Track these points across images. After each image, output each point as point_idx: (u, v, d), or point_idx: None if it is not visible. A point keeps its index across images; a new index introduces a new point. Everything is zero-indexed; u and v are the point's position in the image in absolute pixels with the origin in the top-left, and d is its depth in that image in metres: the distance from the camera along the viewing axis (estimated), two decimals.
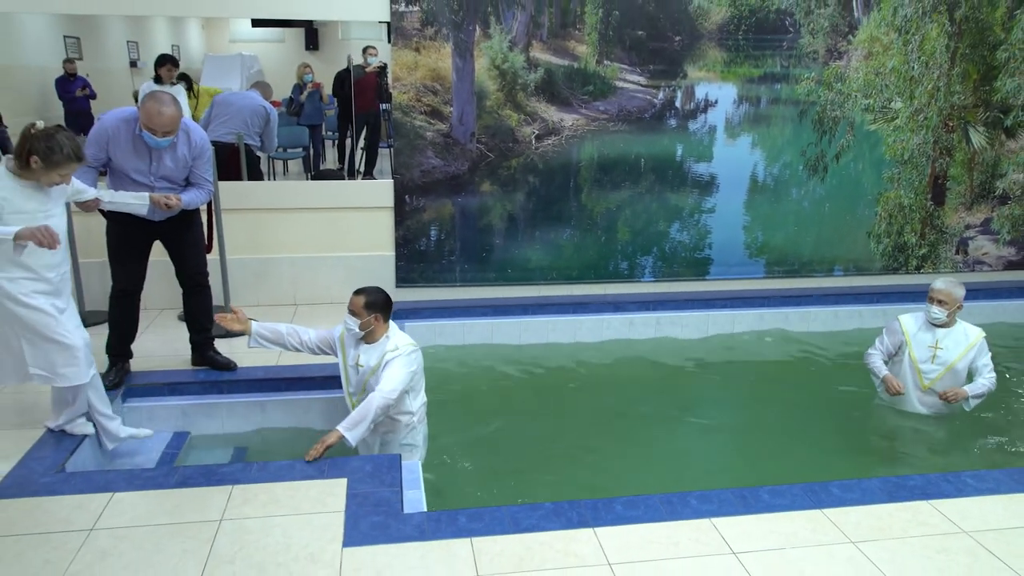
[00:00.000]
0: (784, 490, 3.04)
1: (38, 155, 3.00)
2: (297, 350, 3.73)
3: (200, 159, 3.87)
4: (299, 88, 7.38)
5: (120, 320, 3.96)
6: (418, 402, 3.63)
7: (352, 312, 3.50)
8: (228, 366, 4.17)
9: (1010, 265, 6.25)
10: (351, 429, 3.25)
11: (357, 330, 3.50)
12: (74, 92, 6.11)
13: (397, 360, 3.44)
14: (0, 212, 3.01)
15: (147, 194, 3.67)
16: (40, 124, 3.06)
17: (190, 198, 3.84)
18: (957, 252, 6.14)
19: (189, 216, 3.98)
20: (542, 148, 5.48)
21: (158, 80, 5.80)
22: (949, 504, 2.99)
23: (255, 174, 5.83)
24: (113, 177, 3.77)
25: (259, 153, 6.03)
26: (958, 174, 5.96)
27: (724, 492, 3.01)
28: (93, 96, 6.29)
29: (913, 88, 5.70)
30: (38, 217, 3.08)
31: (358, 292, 3.52)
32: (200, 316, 4.11)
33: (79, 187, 3.41)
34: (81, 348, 3.26)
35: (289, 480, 3.06)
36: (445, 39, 5.16)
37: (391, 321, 3.64)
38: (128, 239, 3.86)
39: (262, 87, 6.08)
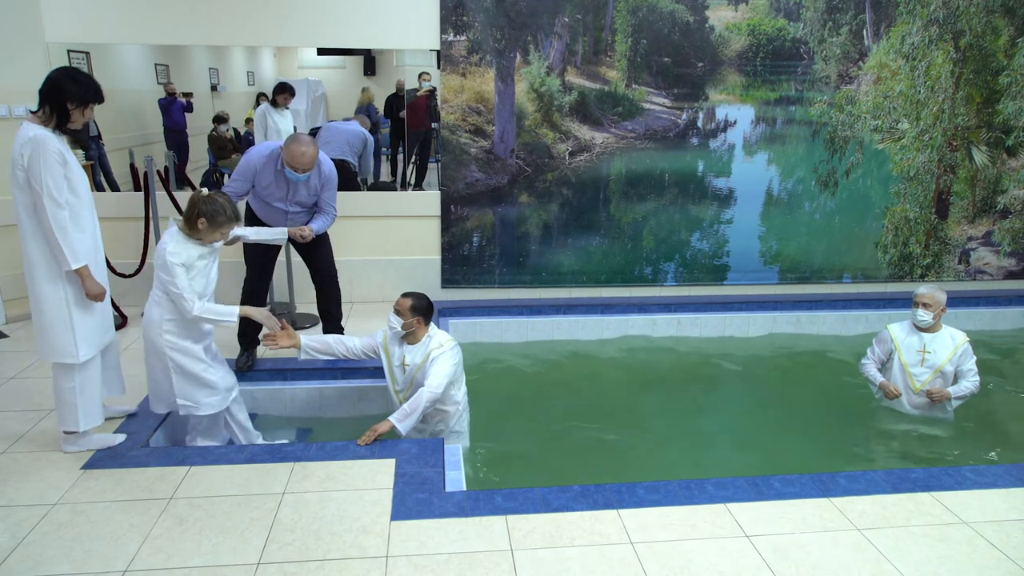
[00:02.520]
0: (794, 479, 2.97)
1: (205, 217, 3.02)
2: (346, 357, 3.68)
3: (327, 188, 4.03)
4: (363, 110, 7.46)
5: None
6: (461, 392, 3.63)
7: (398, 312, 3.47)
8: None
9: (1010, 275, 6.04)
10: (402, 420, 3.24)
11: (399, 329, 3.47)
12: (172, 109, 6.29)
13: (442, 356, 3.43)
14: (187, 268, 3.03)
15: (285, 229, 3.84)
16: (204, 191, 3.10)
17: (319, 226, 4.03)
18: (959, 262, 5.96)
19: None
20: (575, 163, 5.45)
21: (275, 104, 5.94)
22: (950, 496, 2.89)
23: (353, 187, 5.90)
24: (254, 200, 3.96)
25: (355, 171, 6.12)
26: (961, 190, 5.79)
27: (738, 480, 2.95)
28: (189, 109, 6.45)
29: (919, 110, 5.55)
30: (202, 268, 3.10)
31: (406, 295, 3.50)
32: (332, 307, 4.25)
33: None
34: (220, 385, 3.26)
35: (344, 459, 3.09)
36: (489, 65, 5.17)
37: (432, 324, 3.64)
38: (264, 249, 4.01)
39: (361, 119, 6.24)
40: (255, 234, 3.70)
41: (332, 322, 4.30)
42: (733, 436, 4.14)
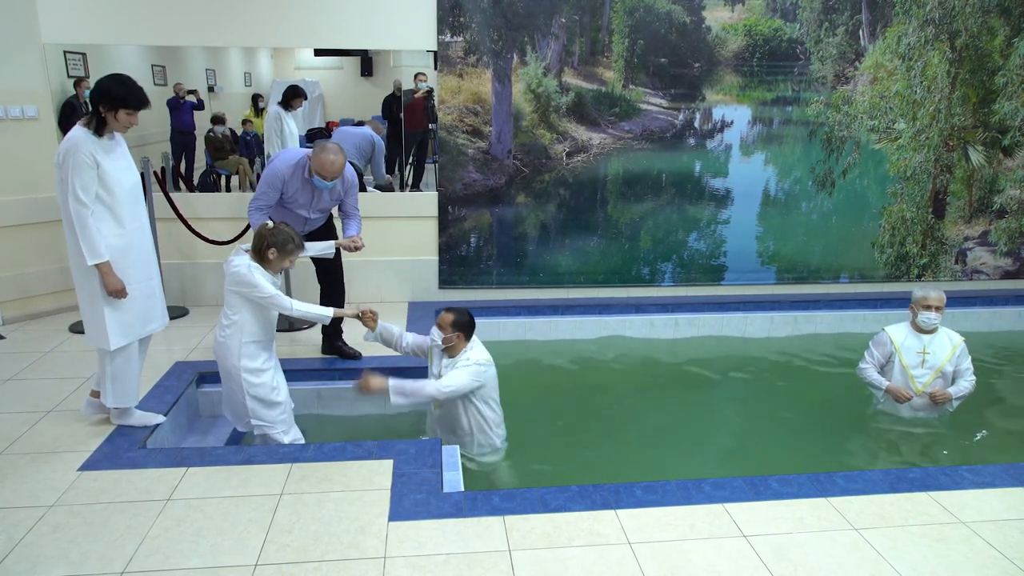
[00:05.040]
0: (791, 479, 2.97)
1: (275, 247, 3.19)
2: (396, 351, 3.76)
3: (350, 193, 4.08)
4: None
5: None
6: (490, 409, 3.60)
7: (439, 326, 3.50)
8: (354, 356, 4.23)
9: (1007, 275, 6.06)
10: (398, 393, 3.29)
11: (440, 343, 3.50)
12: (181, 109, 6.29)
13: (466, 368, 3.44)
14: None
15: (333, 242, 3.95)
16: (270, 224, 3.27)
17: (356, 230, 4.08)
18: (956, 262, 5.97)
19: (329, 231, 4.20)
20: (572, 164, 5.46)
21: (288, 108, 5.96)
22: (947, 496, 2.89)
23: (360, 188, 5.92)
24: (277, 208, 3.95)
25: (367, 176, 6.10)
26: (958, 190, 5.80)
27: (736, 480, 2.96)
28: (200, 107, 6.44)
29: (916, 110, 5.56)
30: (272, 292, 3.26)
31: (449, 310, 3.52)
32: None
33: None
34: (287, 403, 3.45)
35: (342, 460, 3.09)
36: (486, 66, 5.17)
37: (475, 338, 3.62)
38: None
39: (374, 124, 6.24)
40: (304, 251, 3.72)
41: (331, 323, 4.30)
42: (730, 436, 4.14)
